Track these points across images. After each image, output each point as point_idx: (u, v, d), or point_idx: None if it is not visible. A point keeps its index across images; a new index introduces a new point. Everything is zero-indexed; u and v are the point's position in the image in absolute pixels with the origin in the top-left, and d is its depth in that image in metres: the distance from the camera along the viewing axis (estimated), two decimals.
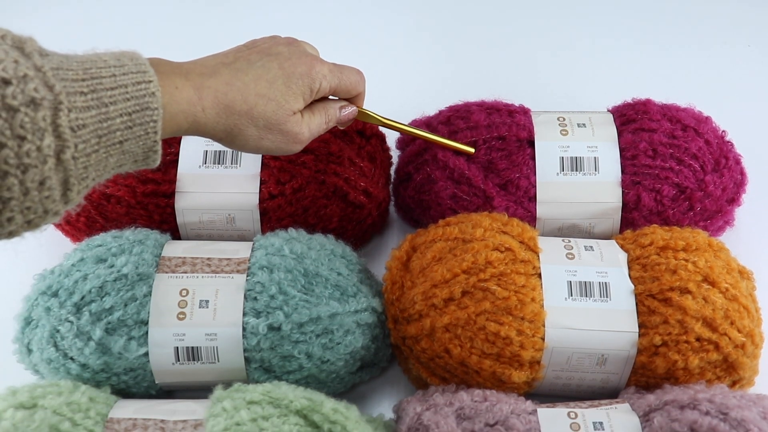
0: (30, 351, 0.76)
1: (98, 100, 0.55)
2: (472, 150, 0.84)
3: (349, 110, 0.78)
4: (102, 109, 0.55)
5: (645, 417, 0.68)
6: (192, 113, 0.64)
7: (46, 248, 0.92)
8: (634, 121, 0.86)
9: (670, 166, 0.83)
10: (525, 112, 0.88)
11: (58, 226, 0.89)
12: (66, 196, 0.54)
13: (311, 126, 0.73)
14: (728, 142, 0.88)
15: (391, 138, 0.92)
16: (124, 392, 0.77)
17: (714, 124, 0.88)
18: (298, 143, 0.72)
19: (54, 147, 0.52)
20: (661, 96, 0.91)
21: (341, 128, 0.83)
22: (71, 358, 0.74)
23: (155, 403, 0.72)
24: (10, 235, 0.54)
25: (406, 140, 0.90)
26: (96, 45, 0.60)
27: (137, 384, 0.77)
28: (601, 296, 0.74)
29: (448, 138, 0.85)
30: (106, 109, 0.55)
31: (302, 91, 0.71)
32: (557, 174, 0.83)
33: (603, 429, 0.68)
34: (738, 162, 0.87)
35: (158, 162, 0.62)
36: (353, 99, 0.79)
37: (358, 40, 1.20)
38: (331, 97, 0.77)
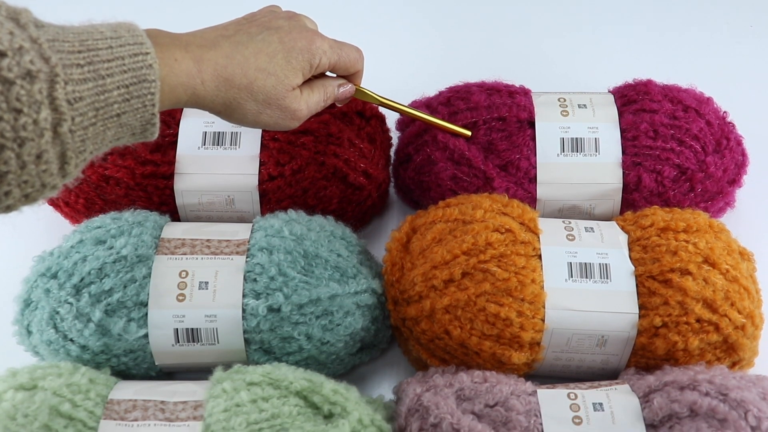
0: (30, 333, 0.76)
1: (95, 73, 0.54)
2: (469, 133, 0.83)
3: (347, 88, 0.77)
4: (99, 82, 0.54)
5: (645, 398, 0.68)
6: (191, 86, 0.63)
7: (45, 230, 0.92)
8: (635, 102, 0.86)
9: (671, 147, 0.82)
10: (525, 92, 0.88)
11: (57, 207, 0.89)
12: (63, 169, 0.54)
13: (309, 103, 0.73)
14: (729, 123, 0.87)
15: (391, 119, 0.92)
16: (124, 374, 0.77)
17: (715, 105, 0.88)
18: (296, 119, 0.72)
19: (51, 120, 0.51)
20: (662, 77, 0.90)
21: (339, 105, 0.83)
22: (71, 340, 0.74)
23: (155, 385, 0.72)
24: (8, 209, 0.54)
25: (406, 121, 0.90)
26: (92, 17, 0.60)
27: (137, 365, 0.77)
28: (601, 277, 0.74)
29: (447, 120, 0.84)
30: (103, 82, 0.55)
31: (302, 66, 0.70)
32: (558, 155, 0.83)
33: (603, 410, 0.68)
34: (739, 143, 0.87)
35: (156, 135, 0.61)
36: (351, 77, 0.78)
37: (358, 20, 1.19)
38: (328, 73, 0.77)
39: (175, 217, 0.86)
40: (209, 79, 0.64)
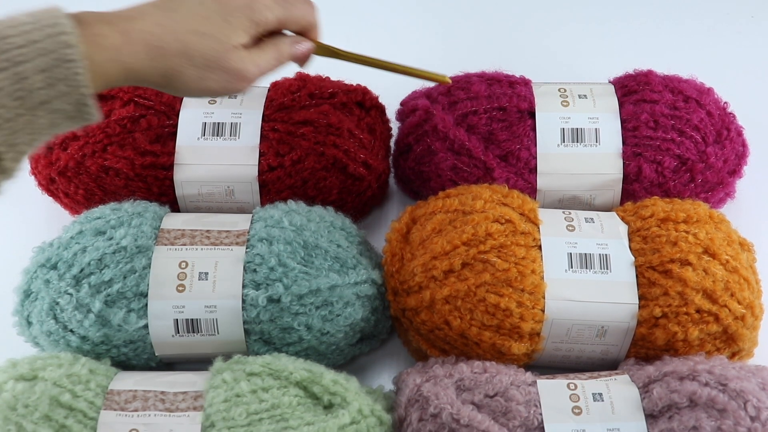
0: (30, 323, 0.76)
1: (9, 61, 0.51)
2: (449, 79, 0.77)
3: (304, 45, 0.72)
4: (15, 69, 0.51)
5: (644, 388, 0.69)
6: (121, 60, 0.59)
7: (44, 221, 0.92)
8: (636, 93, 0.86)
9: (672, 138, 0.82)
10: (526, 83, 0.88)
11: (57, 198, 0.89)
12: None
13: (259, 62, 0.67)
14: (730, 113, 0.87)
15: (391, 109, 0.92)
16: (124, 364, 0.77)
17: (716, 96, 0.88)
18: (245, 81, 0.67)
19: None
20: (663, 67, 0.90)
21: (301, 66, 0.76)
22: (71, 331, 0.74)
23: (155, 375, 0.72)
24: None
25: (406, 112, 0.89)
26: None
27: (137, 356, 0.77)
28: (601, 268, 0.74)
29: (422, 69, 0.77)
30: (20, 68, 0.52)
31: (243, 25, 0.65)
32: (558, 145, 0.83)
33: (602, 400, 0.68)
34: (740, 134, 0.87)
35: (96, 117, 0.57)
36: (307, 33, 0.72)
37: (358, 11, 1.19)
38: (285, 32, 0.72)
39: (175, 207, 0.86)
40: (140, 50, 0.60)
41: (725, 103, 0.87)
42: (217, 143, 0.84)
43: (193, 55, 0.63)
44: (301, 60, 0.74)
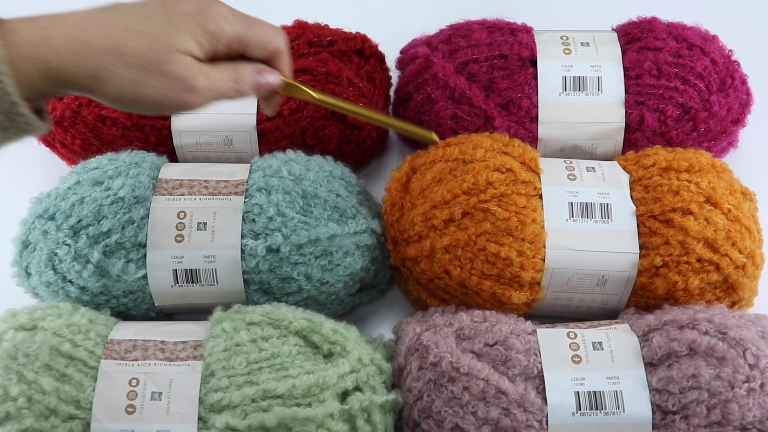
0: (29, 274, 0.76)
1: None
2: (437, 139, 0.75)
3: (270, 76, 0.64)
4: None
5: (644, 337, 0.69)
6: (40, 57, 0.52)
7: (41, 171, 0.91)
8: (639, 40, 0.85)
9: (675, 86, 0.81)
10: (527, 30, 0.87)
11: (54, 148, 0.88)
12: None
13: (211, 77, 0.59)
14: (735, 61, 0.86)
15: (391, 58, 0.90)
16: (123, 315, 0.77)
17: (720, 44, 0.86)
18: (191, 92, 0.58)
19: None
20: (667, 14, 0.88)
21: (267, 111, 0.70)
22: (70, 281, 0.74)
23: (155, 325, 0.72)
24: None
25: (406, 60, 0.88)
26: None
27: (137, 306, 0.77)
28: (602, 217, 0.73)
29: (408, 122, 0.74)
30: None
31: (192, 30, 0.58)
32: (560, 94, 0.82)
33: (602, 349, 0.68)
34: (744, 82, 0.86)
35: (39, 127, 0.53)
36: (274, 63, 0.65)
37: None
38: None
39: (173, 157, 0.86)
40: (62, 45, 0.53)
41: (730, 50, 0.86)
42: None
43: (126, 53, 0.55)
44: (265, 94, 0.66)
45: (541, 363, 0.67)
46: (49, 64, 0.53)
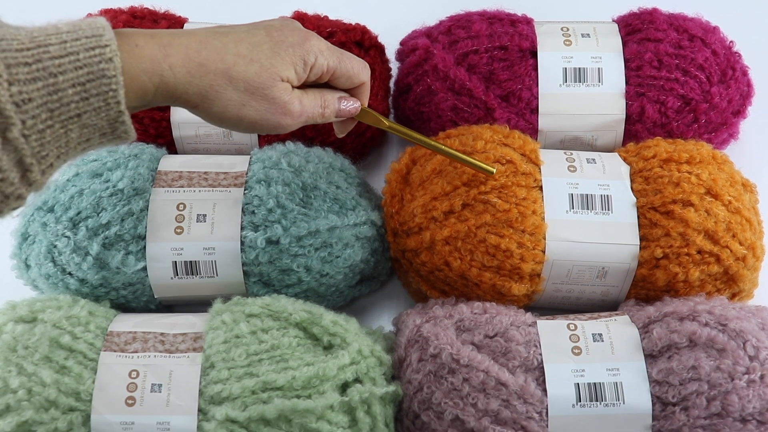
0: (28, 266, 0.75)
1: (44, 71, 0.50)
2: (494, 170, 0.73)
3: (351, 103, 0.69)
4: (49, 80, 0.50)
5: (644, 328, 0.69)
6: (157, 73, 0.56)
7: None
8: (640, 31, 0.84)
9: (676, 77, 0.81)
10: (528, 21, 0.86)
11: None
12: (26, 178, 0.50)
13: (304, 101, 0.65)
14: (736, 53, 0.86)
15: (391, 49, 0.90)
16: (123, 307, 0.77)
17: (722, 35, 0.86)
18: (288, 115, 0.63)
19: None
20: (668, 5, 0.88)
21: (339, 133, 0.74)
22: (69, 273, 0.74)
23: (155, 317, 0.72)
24: None
25: (406, 51, 0.88)
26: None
27: (136, 298, 0.77)
28: (602, 209, 0.73)
29: (469, 154, 0.73)
30: (54, 80, 0.50)
31: (293, 61, 0.63)
32: (560, 85, 0.82)
33: (602, 340, 0.68)
34: (745, 73, 0.86)
35: (132, 135, 0.56)
36: (356, 93, 0.70)
37: None
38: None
39: (172, 149, 0.85)
40: (179, 64, 0.57)
41: (731, 42, 0.86)
42: None
43: (236, 78, 0.60)
44: (344, 118, 0.71)
45: (541, 355, 0.67)
46: (164, 80, 0.57)
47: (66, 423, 0.63)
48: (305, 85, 0.66)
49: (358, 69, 0.68)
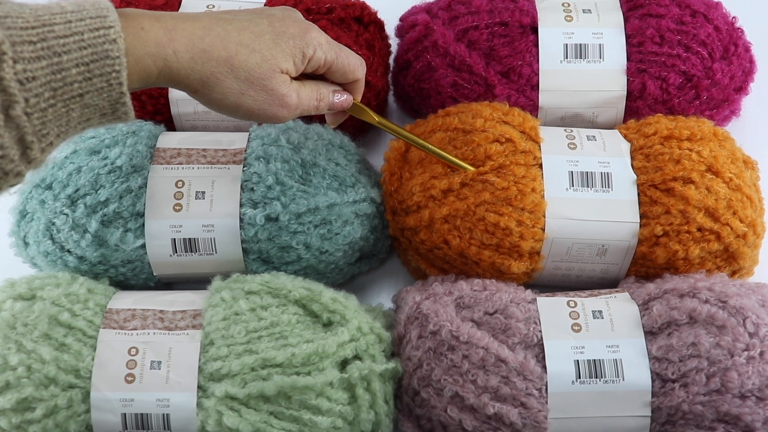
0: (27, 244, 0.75)
1: (49, 50, 0.50)
2: (472, 168, 0.73)
3: (344, 97, 0.70)
4: (54, 59, 0.50)
5: (644, 305, 0.69)
6: (161, 56, 0.57)
7: None
8: (642, 7, 0.84)
9: (678, 54, 0.81)
10: None
11: None
12: (26, 155, 0.50)
13: (301, 93, 0.65)
14: (738, 28, 0.85)
15: (390, 25, 0.89)
16: (122, 284, 0.77)
17: (724, 10, 0.85)
18: (284, 107, 0.64)
19: (1, 102, 0.47)
20: None
21: (331, 124, 0.76)
22: (68, 251, 0.74)
23: (154, 294, 0.72)
24: None
25: (406, 27, 0.87)
26: None
27: (135, 276, 0.77)
28: (602, 186, 0.73)
29: (447, 150, 0.74)
30: (58, 59, 0.50)
31: (292, 53, 0.64)
32: (561, 61, 0.81)
33: (602, 317, 0.68)
34: (747, 50, 0.85)
35: (131, 116, 0.56)
36: (350, 88, 0.71)
37: None
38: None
39: (171, 126, 0.85)
40: (183, 49, 0.58)
41: (733, 17, 0.85)
42: None
43: (237, 66, 0.61)
44: (336, 112, 0.72)
45: (540, 331, 0.67)
46: (167, 64, 0.58)
47: (66, 400, 0.64)
48: (301, 77, 0.67)
49: (355, 65, 0.69)
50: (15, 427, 0.64)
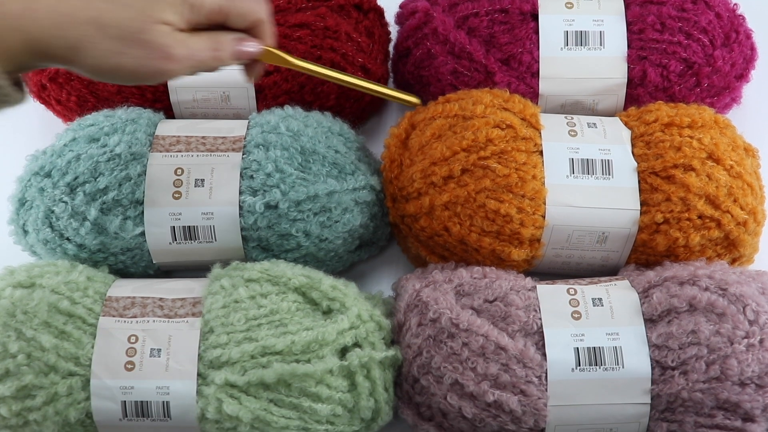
0: (26, 232, 0.75)
1: None
2: (418, 100, 0.74)
3: (250, 45, 0.65)
4: None
5: (644, 293, 0.69)
6: (23, 29, 0.53)
7: (37, 128, 0.90)
8: None
9: (678, 41, 0.80)
10: None
11: (49, 105, 0.87)
12: None
13: (189, 44, 0.60)
14: (740, 15, 0.85)
15: (390, 12, 0.89)
16: (122, 272, 0.77)
17: None
18: (171, 60, 0.59)
19: None
20: None
21: (249, 79, 0.70)
22: (67, 239, 0.74)
23: (153, 282, 0.72)
24: None
25: (405, 14, 0.87)
26: None
27: (135, 264, 0.77)
28: (603, 174, 0.73)
29: (390, 87, 0.74)
30: None
31: (172, 2, 0.58)
32: (561, 49, 0.81)
33: (602, 305, 0.68)
34: (749, 37, 0.85)
35: (19, 98, 0.53)
36: (257, 33, 0.66)
37: None
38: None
39: (170, 114, 0.85)
40: (43, 16, 0.54)
41: (735, 4, 0.85)
42: None
43: (107, 24, 0.56)
44: (246, 62, 0.67)
45: (540, 319, 0.67)
46: (30, 36, 0.54)
47: (65, 387, 0.64)
48: (198, 30, 0.62)
49: (252, 5, 0.64)
50: (15, 415, 0.64)
